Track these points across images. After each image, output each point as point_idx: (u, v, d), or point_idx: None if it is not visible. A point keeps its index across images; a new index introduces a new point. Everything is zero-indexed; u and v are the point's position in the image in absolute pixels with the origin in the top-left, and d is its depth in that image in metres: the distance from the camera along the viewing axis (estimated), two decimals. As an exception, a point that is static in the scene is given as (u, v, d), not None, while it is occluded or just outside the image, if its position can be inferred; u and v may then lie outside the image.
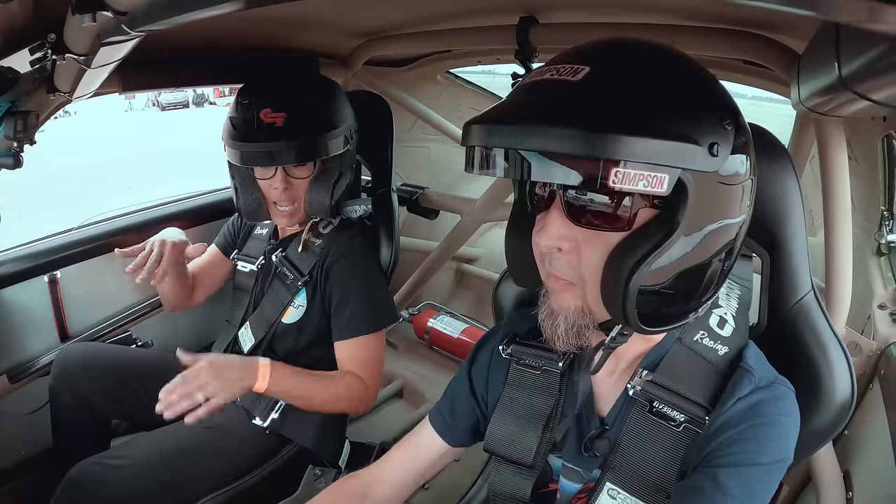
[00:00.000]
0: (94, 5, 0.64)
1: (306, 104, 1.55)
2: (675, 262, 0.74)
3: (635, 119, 0.66)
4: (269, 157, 1.52)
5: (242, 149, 1.51)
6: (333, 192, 1.62)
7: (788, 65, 1.19)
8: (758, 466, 0.78)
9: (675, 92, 0.71)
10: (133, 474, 1.45)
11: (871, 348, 1.39)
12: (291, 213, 1.64)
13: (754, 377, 0.82)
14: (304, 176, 1.61)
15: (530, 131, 0.67)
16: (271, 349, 1.75)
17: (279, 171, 1.57)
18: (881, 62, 0.54)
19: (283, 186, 1.58)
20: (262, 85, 1.59)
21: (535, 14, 1.50)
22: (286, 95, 1.55)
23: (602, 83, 0.69)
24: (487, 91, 2.96)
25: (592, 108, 0.67)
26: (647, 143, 0.64)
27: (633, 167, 0.64)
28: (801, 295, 0.96)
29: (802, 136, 1.43)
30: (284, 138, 1.50)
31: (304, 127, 1.53)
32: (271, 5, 0.67)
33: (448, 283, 3.35)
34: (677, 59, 0.75)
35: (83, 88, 1.18)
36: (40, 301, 1.97)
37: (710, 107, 0.72)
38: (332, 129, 1.58)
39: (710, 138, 0.68)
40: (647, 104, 0.68)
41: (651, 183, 0.65)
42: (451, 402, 1.09)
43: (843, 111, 0.85)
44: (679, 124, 0.68)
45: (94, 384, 1.68)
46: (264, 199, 1.63)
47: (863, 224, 1.66)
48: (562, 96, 0.69)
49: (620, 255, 0.73)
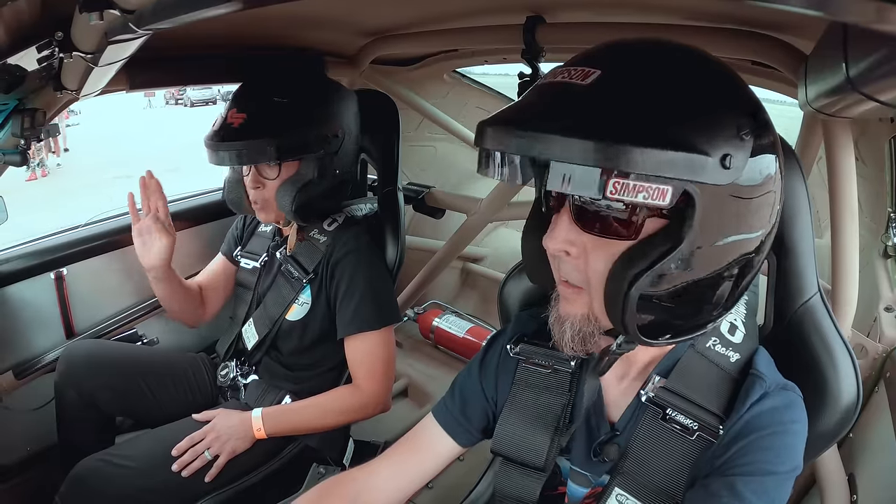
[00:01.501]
0: (102, 4, 0.64)
1: (271, 106, 1.55)
2: (681, 275, 0.72)
3: (639, 127, 0.63)
4: (225, 158, 1.53)
5: (207, 146, 1.54)
6: (297, 196, 1.57)
7: (796, 65, 1.18)
8: (774, 475, 0.78)
9: (687, 98, 0.68)
10: (138, 472, 1.46)
11: (877, 351, 1.39)
12: (261, 210, 1.65)
13: (765, 383, 0.82)
14: (271, 177, 1.60)
15: (530, 137, 0.65)
16: (275, 346, 1.76)
17: (252, 171, 1.59)
18: (889, 63, 0.54)
19: (254, 186, 1.60)
20: (241, 85, 1.62)
21: (541, 13, 1.50)
22: (252, 96, 1.57)
23: (610, 88, 0.67)
24: (494, 90, 2.96)
25: (596, 114, 0.65)
26: (648, 154, 0.61)
27: (634, 178, 0.63)
28: (807, 297, 0.96)
29: (810, 137, 1.42)
30: (237, 139, 1.50)
31: (260, 130, 1.51)
32: (278, 4, 0.67)
33: (454, 283, 3.35)
34: (697, 61, 0.73)
35: (90, 86, 1.18)
36: (46, 298, 1.98)
37: (726, 115, 0.68)
38: (298, 132, 1.55)
39: (722, 149, 0.65)
40: (654, 111, 0.65)
41: (652, 195, 0.63)
42: (463, 402, 1.06)
43: (851, 112, 0.85)
44: (688, 133, 0.64)
45: (100, 381, 1.68)
46: (245, 195, 1.66)
47: (870, 226, 1.65)
48: (566, 101, 0.68)
49: (623, 264, 0.72)
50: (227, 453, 1.55)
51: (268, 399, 1.71)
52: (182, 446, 1.53)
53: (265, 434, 1.60)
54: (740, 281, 0.77)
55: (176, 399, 1.79)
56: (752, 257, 0.76)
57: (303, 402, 1.67)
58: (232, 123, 1.51)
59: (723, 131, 0.66)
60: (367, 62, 2.19)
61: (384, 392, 1.68)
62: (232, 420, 1.61)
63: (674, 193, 0.64)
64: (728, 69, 0.74)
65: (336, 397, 1.68)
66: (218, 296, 1.95)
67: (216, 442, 1.55)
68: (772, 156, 0.73)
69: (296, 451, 1.70)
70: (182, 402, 1.78)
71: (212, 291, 1.94)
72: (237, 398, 1.79)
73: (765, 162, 0.72)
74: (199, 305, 1.89)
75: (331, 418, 1.66)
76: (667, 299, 0.74)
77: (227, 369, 1.81)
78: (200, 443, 1.55)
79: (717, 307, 0.78)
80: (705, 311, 0.78)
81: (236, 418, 1.61)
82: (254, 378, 1.79)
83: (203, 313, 1.92)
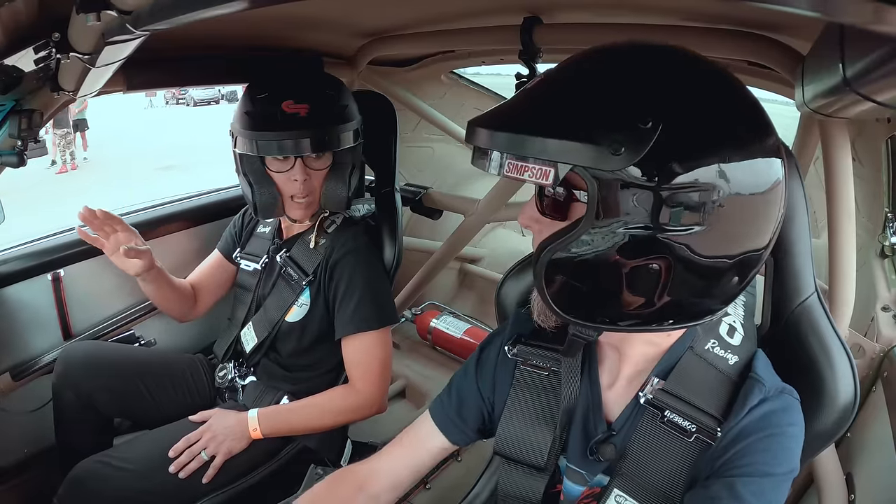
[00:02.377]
0: (99, 4, 0.64)
1: (326, 97, 1.60)
2: (583, 255, 0.73)
3: (542, 121, 0.72)
4: (291, 147, 1.55)
5: (264, 139, 1.54)
6: (349, 184, 1.66)
7: (793, 66, 1.18)
8: (772, 477, 0.79)
9: (601, 94, 0.73)
10: (136, 473, 1.46)
11: (874, 350, 1.39)
12: (308, 206, 1.66)
13: (764, 387, 0.83)
14: (322, 167, 1.64)
15: (485, 133, 0.76)
16: (274, 348, 1.76)
17: (298, 163, 1.59)
18: (886, 64, 0.54)
19: (304, 177, 1.60)
20: (280, 79, 1.62)
21: (539, 14, 1.50)
22: (308, 88, 1.60)
23: (554, 89, 0.77)
24: (491, 91, 2.96)
25: (527, 112, 0.77)
26: (539, 141, 0.70)
27: (525, 161, 0.71)
28: (804, 297, 0.96)
29: (806, 137, 1.42)
30: (308, 127, 1.54)
31: (325, 118, 1.57)
32: (276, 5, 0.67)
33: (451, 284, 3.35)
34: (635, 61, 0.76)
35: (87, 87, 1.18)
36: (44, 299, 1.97)
37: (631, 107, 0.69)
38: (347, 122, 1.62)
39: (615, 138, 0.67)
40: (565, 107, 0.73)
41: (535, 175, 0.70)
42: (459, 401, 1.08)
43: (848, 112, 0.85)
44: (587, 125, 0.69)
45: (97, 383, 1.68)
46: (279, 194, 1.64)
47: (866, 226, 1.65)
48: (525, 101, 0.80)
49: (546, 239, 0.77)
50: (224, 454, 1.56)
51: (266, 400, 1.71)
52: (179, 447, 1.53)
53: (261, 434, 1.60)
54: (665, 280, 0.74)
55: (174, 400, 1.79)
56: (663, 261, 0.72)
57: (299, 403, 1.68)
58: (297, 113, 1.54)
59: (621, 122, 0.68)
60: (364, 63, 2.19)
61: (380, 393, 1.69)
62: (228, 420, 1.61)
63: (556, 175, 0.70)
64: (668, 68, 0.74)
65: (332, 398, 1.68)
66: (211, 293, 1.95)
67: (212, 442, 1.56)
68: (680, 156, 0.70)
69: (293, 453, 1.70)
70: (180, 404, 1.78)
71: (205, 289, 1.94)
72: (235, 399, 1.79)
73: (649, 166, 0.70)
74: (189, 303, 1.90)
75: (327, 419, 1.67)
76: (577, 277, 0.76)
77: (226, 371, 1.81)
78: (197, 444, 1.55)
79: (648, 304, 0.75)
80: (627, 302, 0.75)
81: (232, 419, 1.61)
82: (252, 379, 1.79)
83: (193, 310, 1.93)
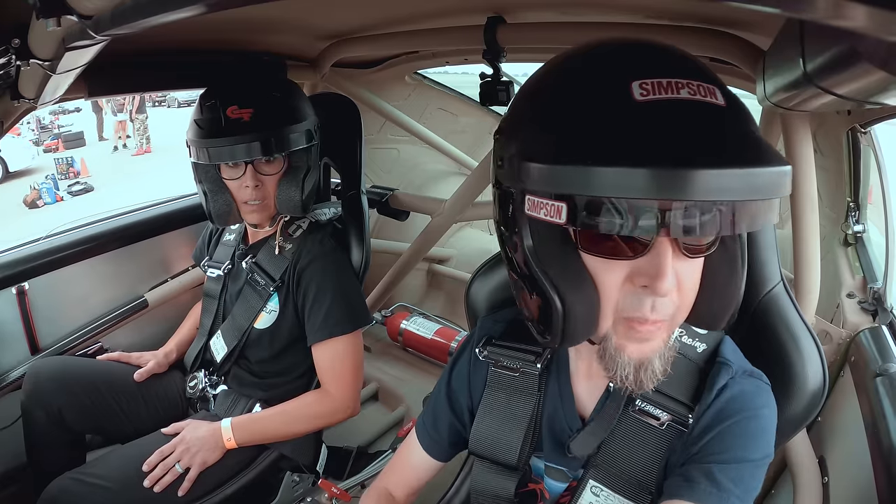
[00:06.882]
0: (59, 9, 0.63)
1: (272, 100, 1.57)
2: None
3: (769, 149, 0.62)
4: (238, 152, 1.52)
5: (210, 146, 1.51)
6: (303, 187, 1.63)
7: (754, 61, 1.21)
8: (748, 462, 0.80)
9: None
10: (110, 490, 1.43)
11: (840, 336, 1.42)
12: (260, 210, 1.63)
13: (731, 369, 0.84)
14: (273, 172, 1.61)
15: (731, 175, 0.58)
16: (244, 356, 1.73)
17: (249, 169, 1.57)
18: (845, 58, 0.55)
19: (254, 184, 1.58)
20: (226, 85, 1.59)
21: (502, 14, 1.51)
22: (252, 92, 1.56)
23: (739, 107, 0.66)
24: (456, 91, 2.97)
25: (752, 140, 0.63)
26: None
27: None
28: (770, 286, 0.98)
29: (768, 131, 1.45)
30: (252, 132, 1.51)
31: (271, 121, 1.54)
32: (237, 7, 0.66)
33: (420, 285, 3.36)
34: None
35: (48, 94, 1.15)
36: (8, 314, 1.92)
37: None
38: (297, 123, 1.60)
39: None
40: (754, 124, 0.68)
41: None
42: (434, 418, 1.09)
43: (809, 106, 0.87)
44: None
45: (67, 399, 1.64)
46: (234, 201, 1.62)
47: (829, 215, 1.69)
48: (721, 126, 0.63)
49: (729, 264, 0.78)
50: (198, 465, 1.53)
51: (238, 408, 1.69)
52: (152, 461, 1.50)
53: (235, 444, 1.58)
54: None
55: (146, 413, 1.75)
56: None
57: (272, 410, 1.66)
58: (241, 118, 1.51)
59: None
60: (328, 65, 2.18)
61: (353, 396, 1.68)
62: (200, 431, 1.58)
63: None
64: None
65: (305, 403, 1.67)
66: None
67: (186, 454, 1.53)
68: None
69: (269, 460, 1.68)
70: (152, 417, 1.75)
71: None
72: (207, 409, 1.76)
73: None
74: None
75: (300, 425, 1.65)
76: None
77: (196, 380, 1.78)
78: (170, 456, 1.52)
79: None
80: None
81: (205, 429, 1.59)
82: (223, 388, 1.76)
83: None
